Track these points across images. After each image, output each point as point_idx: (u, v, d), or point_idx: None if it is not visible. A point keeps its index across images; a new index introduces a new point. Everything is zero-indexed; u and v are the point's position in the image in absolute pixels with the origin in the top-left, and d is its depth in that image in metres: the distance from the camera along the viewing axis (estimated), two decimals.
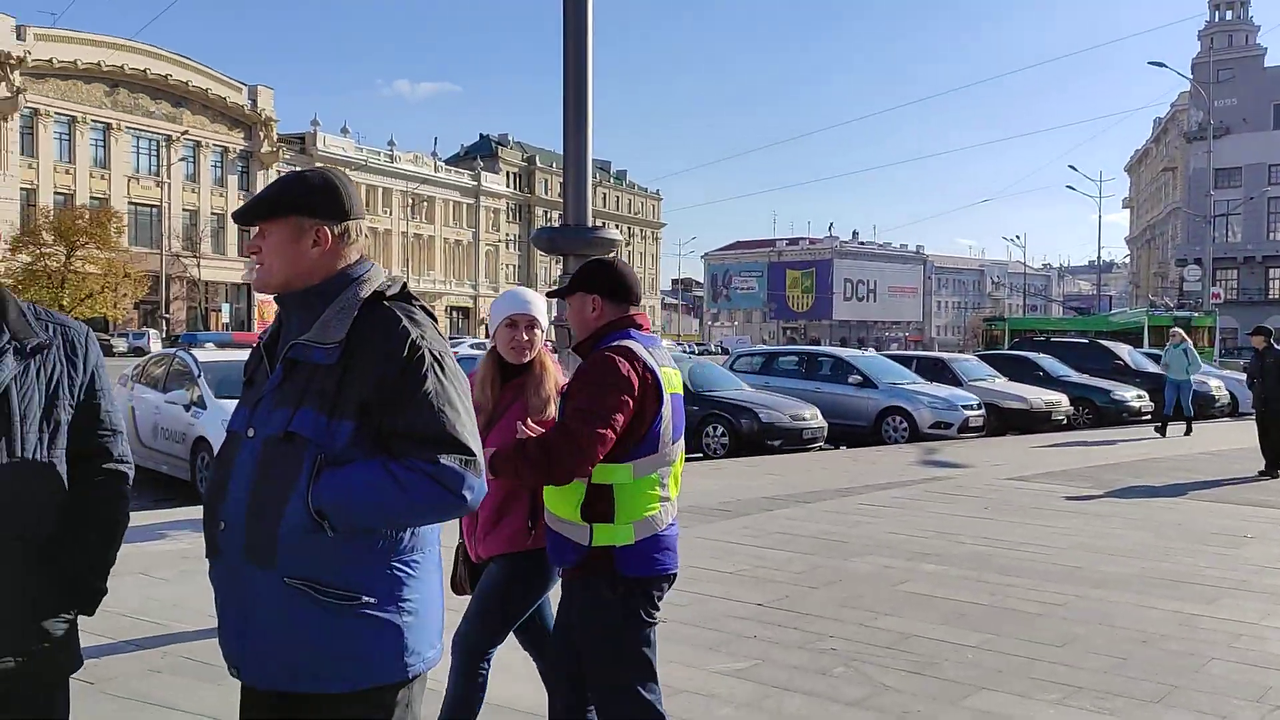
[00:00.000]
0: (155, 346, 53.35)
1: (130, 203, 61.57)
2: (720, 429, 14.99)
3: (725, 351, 57.91)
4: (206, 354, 11.48)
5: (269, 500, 1.97)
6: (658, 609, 2.95)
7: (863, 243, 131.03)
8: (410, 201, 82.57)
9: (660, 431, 2.85)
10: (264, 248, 2.09)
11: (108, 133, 61.08)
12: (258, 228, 2.11)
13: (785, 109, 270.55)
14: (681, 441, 2.99)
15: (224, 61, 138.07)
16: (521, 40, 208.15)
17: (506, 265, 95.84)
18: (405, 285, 2.12)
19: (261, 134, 69.56)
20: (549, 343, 3.50)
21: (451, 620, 2.61)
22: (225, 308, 66.71)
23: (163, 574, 6.47)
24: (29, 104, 56.50)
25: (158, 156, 63.99)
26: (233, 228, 67.84)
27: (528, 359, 3.26)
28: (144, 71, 61.95)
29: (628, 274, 3.03)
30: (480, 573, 3.38)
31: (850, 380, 17.58)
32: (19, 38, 56.02)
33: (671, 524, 2.94)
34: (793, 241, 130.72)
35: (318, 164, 73.45)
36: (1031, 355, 22.57)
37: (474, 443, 2.01)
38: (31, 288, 52.27)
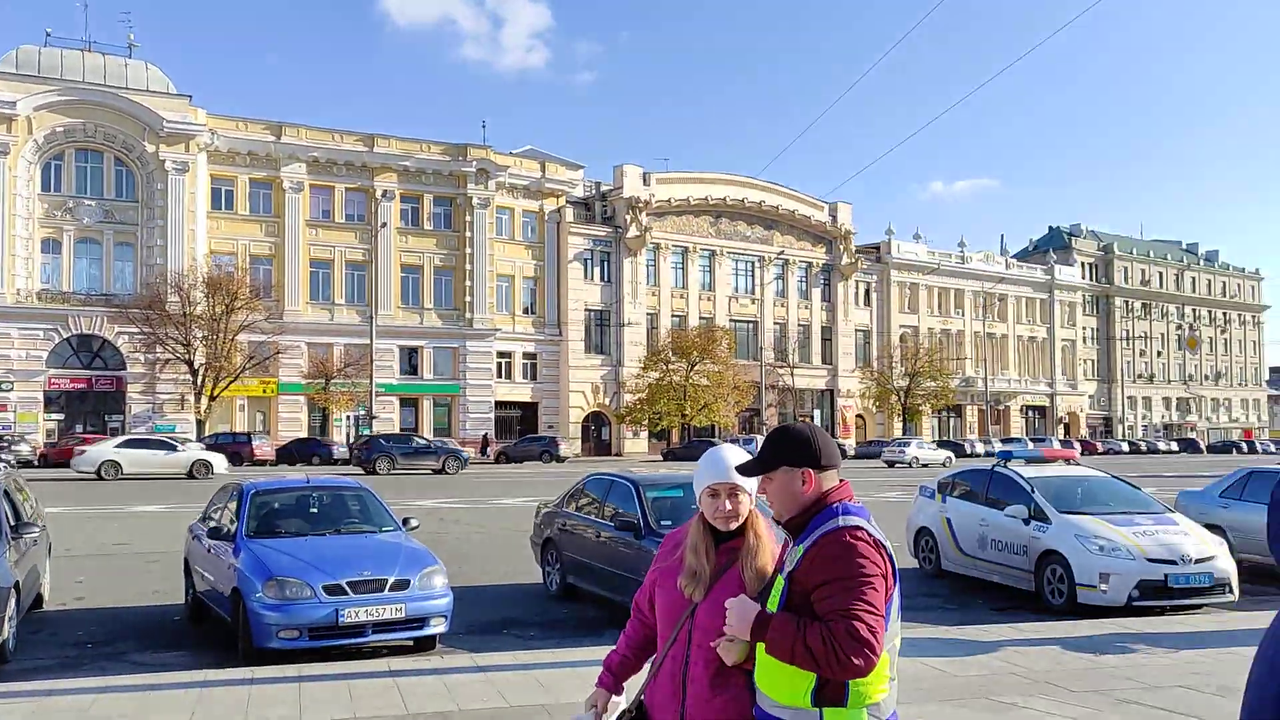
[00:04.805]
0: None
1: (731, 320, 68.00)
2: None
3: None
4: (1031, 470, 11.62)
5: None
6: None
7: None
8: (982, 301, 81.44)
9: (891, 611, 2.66)
10: None
11: (712, 259, 68.44)
12: None
13: None
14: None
15: (795, 179, 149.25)
16: (1064, 129, 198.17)
17: (1084, 360, 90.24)
18: None
19: (841, 247, 73.31)
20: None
21: None
22: (815, 414, 70.31)
23: None
24: (652, 240, 65.28)
25: (753, 276, 70.19)
26: (817, 337, 71.94)
27: (736, 526, 3.01)
28: (742, 201, 68.78)
29: (830, 439, 2.85)
30: None
31: None
32: (645, 183, 65.35)
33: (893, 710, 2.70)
34: None
35: (893, 271, 75.86)
36: None
37: None
38: (660, 400, 59.58)
